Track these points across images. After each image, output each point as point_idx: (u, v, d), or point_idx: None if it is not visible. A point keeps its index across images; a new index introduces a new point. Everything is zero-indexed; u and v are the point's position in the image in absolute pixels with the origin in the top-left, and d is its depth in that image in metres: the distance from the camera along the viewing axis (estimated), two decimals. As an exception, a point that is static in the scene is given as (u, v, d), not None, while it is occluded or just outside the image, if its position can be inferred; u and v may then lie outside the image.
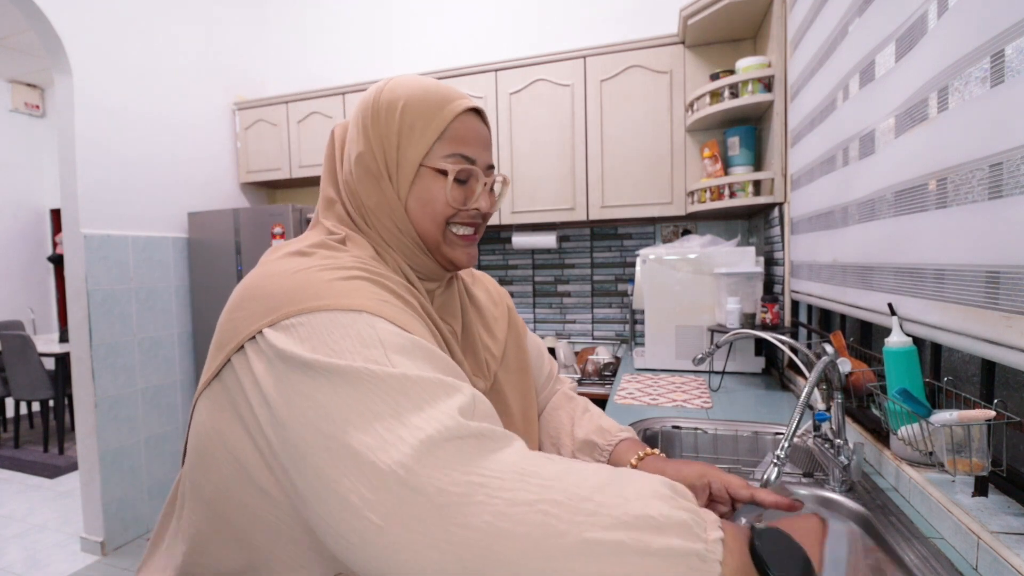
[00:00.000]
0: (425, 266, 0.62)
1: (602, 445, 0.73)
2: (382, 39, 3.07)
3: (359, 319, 0.45)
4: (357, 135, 0.61)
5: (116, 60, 2.47)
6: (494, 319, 0.75)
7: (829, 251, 1.36)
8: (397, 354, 0.43)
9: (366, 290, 0.48)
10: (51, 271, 5.07)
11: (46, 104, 4.97)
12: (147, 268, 2.61)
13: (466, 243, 0.63)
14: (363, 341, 0.43)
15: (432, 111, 0.59)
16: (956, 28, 0.78)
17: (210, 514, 0.51)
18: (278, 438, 0.43)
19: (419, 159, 0.58)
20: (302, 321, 0.45)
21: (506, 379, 0.71)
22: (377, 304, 0.47)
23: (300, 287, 0.47)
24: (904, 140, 0.95)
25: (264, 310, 0.47)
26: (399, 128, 0.58)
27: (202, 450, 0.51)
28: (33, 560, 2.44)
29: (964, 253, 0.76)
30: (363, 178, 0.60)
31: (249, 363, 0.46)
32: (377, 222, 0.60)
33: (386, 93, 0.60)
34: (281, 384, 0.43)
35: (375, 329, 0.44)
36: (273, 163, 2.99)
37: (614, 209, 2.34)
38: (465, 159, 0.60)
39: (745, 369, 1.90)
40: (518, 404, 0.71)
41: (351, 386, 0.40)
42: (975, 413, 0.75)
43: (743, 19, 1.97)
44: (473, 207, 0.61)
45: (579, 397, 0.86)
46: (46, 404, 3.77)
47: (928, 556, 0.73)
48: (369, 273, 0.51)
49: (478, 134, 0.61)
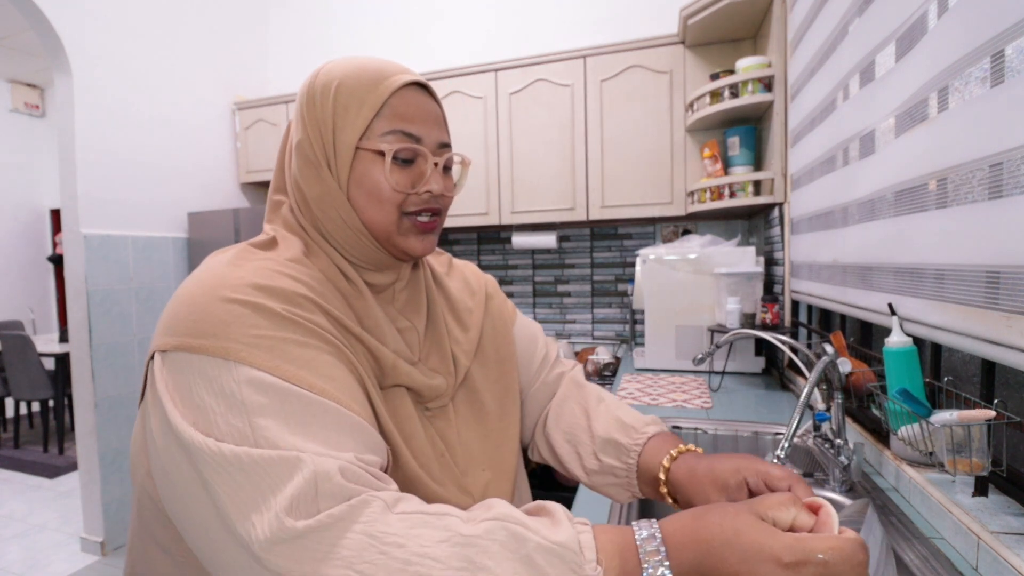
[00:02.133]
0: (377, 259, 0.58)
1: (628, 445, 0.63)
2: (382, 39, 3.07)
3: (224, 371, 0.43)
4: (296, 123, 0.57)
5: (116, 60, 2.47)
6: (468, 311, 0.69)
7: (829, 251, 1.36)
8: (261, 415, 0.41)
9: (242, 322, 0.45)
10: (51, 271, 5.07)
11: (46, 104, 4.97)
12: (147, 268, 2.62)
13: (422, 230, 0.57)
14: (227, 402, 0.42)
15: (367, 88, 0.54)
16: (956, 28, 0.78)
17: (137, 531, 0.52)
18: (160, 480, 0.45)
19: (354, 141, 0.54)
20: (177, 360, 0.44)
21: (481, 373, 0.67)
22: (247, 347, 0.44)
23: (188, 310, 0.46)
24: (904, 140, 0.95)
25: (162, 327, 0.47)
26: (333, 110, 0.54)
27: (132, 460, 0.51)
28: (33, 560, 2.44)
29: (964, 253, 0.76)
30: (303, 168, 0.56)
31: (154, 382, 0.46)
32: (321, 214, 0.56)
33: (321, 76, 0.56)
34: (159, 424, 0.44)
35: (238, 386, 0.42)
36: (273, 163, 2.98)
37: (614, 209, 2.34)
38: (408, 136, 0.54)
39: (745, 369, 1.90)
40: (494, 399, 0.67)
41: (199, 460, 0.40)
42: (975, 413, 0.75)
43: (743, 19, 1.97)
44: (424, 190, 0.56)
45: (590, 384, 0.76)
46: (46, 404, 3.77)
47: (928, 556, 0.74)
48: (258, 293, 0.47)
49: (422, 109, 0.56)
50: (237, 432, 0.41)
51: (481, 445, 0.63)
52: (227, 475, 0.39)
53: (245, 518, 0.38)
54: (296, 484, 0.38)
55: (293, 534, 0.37)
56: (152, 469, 0.46)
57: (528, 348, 0.76)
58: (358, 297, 0.56)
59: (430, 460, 0.56)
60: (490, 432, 0.64)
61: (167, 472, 0.43)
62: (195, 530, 0.42)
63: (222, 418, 0.41)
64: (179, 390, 0.43)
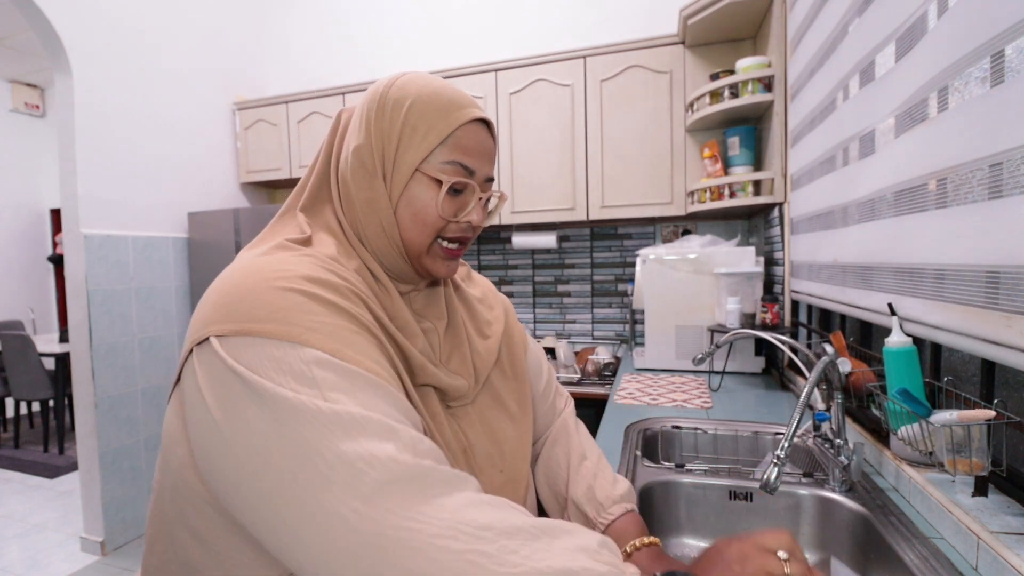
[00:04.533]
0: (401, 270, 0.61)
1: (594, 520, 0.67)
2: (382, 39, 3.07)
3: (290, 352, 0.44)
4: (359, 126, 0.58)
5: (116, 60, 2.47)
6: (487, 323, 0.73)
7: (829, 251, 1.36)
8: (333, 390, 0.43)
9: (301, 309, 0.46)
10: (51, 271, 5.07)
11: (46, 104, 4.97)
12: (147, 268, 2.61)
13: (449, 256, 0.61)
14: (297, 380, 0.43)
15: (438, 115, 0.56)
16: (956, 28, 0.78)
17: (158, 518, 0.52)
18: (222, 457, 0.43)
19: (416, 163, 0.56)
20: (239, 343, 0.44)
21: (500, 382, 0.70)
22: (309, 330, 0.45)
23: (242, 298, 0.46)
24: (904, 140, 0.95)
25: (211, 316, 0.46)
26: (401, 127, 0.56)
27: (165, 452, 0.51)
28: (33, 560, 2.44)
29: (964, 253, 0.76)
30: (357, 171, 0.58)
31: (194, 368, 0.46)
32: (364, 218, 0.58)
33: (395, 89, 0.58)
34: (226, 404, 0.43)
35: (307, 365, 0.43)
36: (273, 163, 3.00)
37: (614, 209, 2.34)
38: (464, 169, 0.58)
39: (745, 369, 1.90)
40: (513, 405, 0.70)
41: (296, 421, 0.41)
42: (975, 413, 0.75)
43: (743, 19, 1.97)
44: (464, 220, 0.59)
45: (579, 433, 0.79)
46: (46, 404, 3.77)
47: (928, 556, 0.74)
48: (312, 284, 0.48)
49: (482, 145, 0.59)
50: (319, 400, 0.42)
51: (498, 448, 0.65)
52: (329, 431, 0.40)
53: (352, 466, 0.39)
54: (402, 439, 0.42)
55: (409, 475, 0.40)
56: (203, 453, 0.45)
57: (536, 370, 0.80)
58: (387, 297, 0.58)
59: (455, 455, 0.59)
60: (507, 437, 0.67)
61: (232, 449, 0.42)
62: (272, 503, 0.40)
63: (295, 393, 0.42)
64: (249, 367, 0.43)
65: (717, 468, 1.13)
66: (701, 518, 1.03)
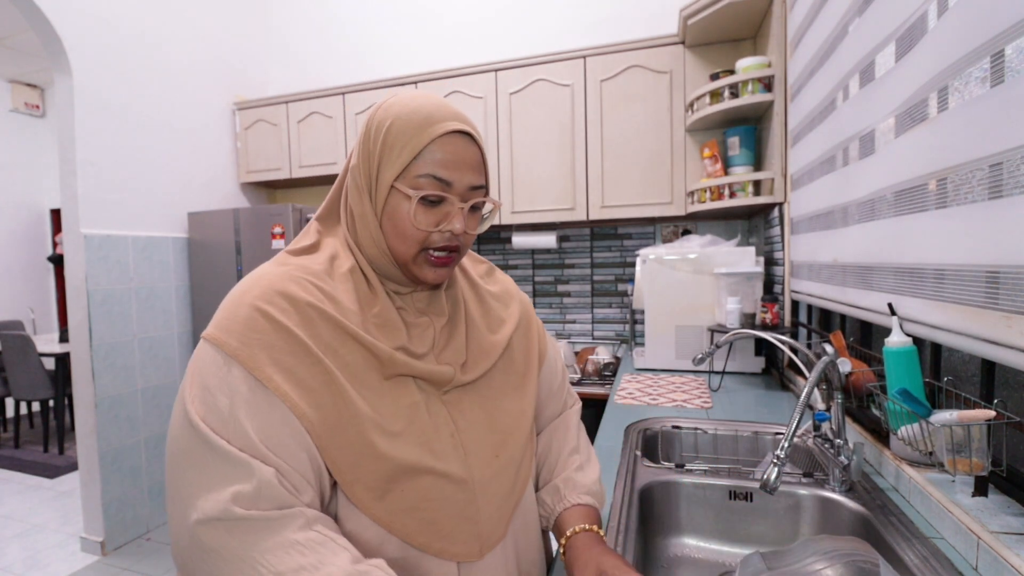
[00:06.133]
0: (396, 276, 0.65)
1: (551, 505, 0.75)
2: (382, 39, 3.07)
3: (224, 366, 0.53)
4: (357, 146, 0.64)
5: (116, 60, 2.47)
6: (499, 319, 0.75)
7: (829, 251, 1.36)
8: (241, 408, 0.52)
9: (250, 325, 0.55)
10: (51, 271, 5.07)
11: (46, 104, 4.97)
12: (147, 268, 2.61)
13: (438, 264, 0.63)
14: (223, 388, 0.53)
15: (413, 132, 0.60)
16: (956, 28, 0.78)
17: None
18: None
19: (391, 179, 0.60)
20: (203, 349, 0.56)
21: (503, 376, 0.72)
22: (248, 348, 0.54)
23: (223, 307, 0.57)
24: (904, 140, 0.95)
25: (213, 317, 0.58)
26: (382, 147, 0.61)
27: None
28: (33, 560, 2.44)
29: (964, 253, 0.76)
30: (352, 189, 0.65)
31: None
32: (359, 230, 0.64)
33: (380, 111, 0.63)
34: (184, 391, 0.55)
35: (232, 379, 0.53)
36: (273, 163, 3.00)
37: (614, 209, 2.34)
38: (438, 181, 0.60)
39: (745, 369, 1.90)
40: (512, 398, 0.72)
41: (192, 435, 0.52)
42: (975, 413, 0.75)
43: (743, 19, 1.97)
44: (446, 229, 0.61)
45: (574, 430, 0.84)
46: (46, 404, 3.77)
47: (928, 556, 0.73)
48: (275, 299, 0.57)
49: (458, 156, 0.61)
50: (219, 416, 0.52)
51: (496, 435, 0.68)
52: (204, 458, 0.51)
53: (198, 496, 0.50)
54: (250, 482, 0.50)
55: (233, 518, 0.48)
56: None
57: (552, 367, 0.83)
58: (374, 298, 0.63)
59: (437, 438, 0.62)
60: (506, 425, 0.70)
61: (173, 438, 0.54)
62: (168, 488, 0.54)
63: (218, 398, 0.52)
64: (200, 372, 0.54)
65: (717, 468, 1.13)
66: (701, 518, 1.03)
